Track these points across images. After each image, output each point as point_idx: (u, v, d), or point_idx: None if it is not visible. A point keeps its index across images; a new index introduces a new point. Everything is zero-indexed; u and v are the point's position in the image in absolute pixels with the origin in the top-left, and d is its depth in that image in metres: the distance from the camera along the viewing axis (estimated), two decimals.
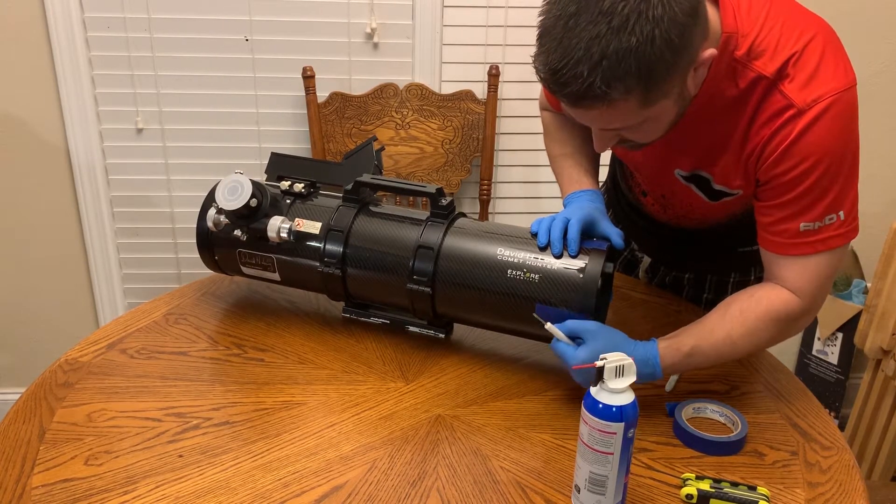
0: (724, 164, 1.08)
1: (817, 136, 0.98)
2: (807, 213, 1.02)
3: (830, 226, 1.03)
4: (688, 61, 0.94)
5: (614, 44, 0.86)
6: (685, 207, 1.23)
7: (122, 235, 2.14)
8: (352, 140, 2.02)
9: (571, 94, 0.92)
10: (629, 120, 0.96)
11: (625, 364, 0.85)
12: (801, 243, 1.04)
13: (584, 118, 0.98)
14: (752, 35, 1.00)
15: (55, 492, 0.91)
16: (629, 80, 0.88)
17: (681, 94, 0.98)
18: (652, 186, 1.27)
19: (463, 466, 0.98)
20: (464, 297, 1.14)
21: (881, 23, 2.06)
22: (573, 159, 1.29)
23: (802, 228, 1.03)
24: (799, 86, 0.99)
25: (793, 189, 1.02)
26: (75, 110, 1.98)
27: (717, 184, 1.11)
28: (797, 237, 1.04)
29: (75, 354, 1.19)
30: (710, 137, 1.07)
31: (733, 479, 0.97)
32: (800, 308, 1.06)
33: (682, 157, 1.13)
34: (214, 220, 1.19)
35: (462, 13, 2.00)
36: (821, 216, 1.03)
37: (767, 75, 0.99)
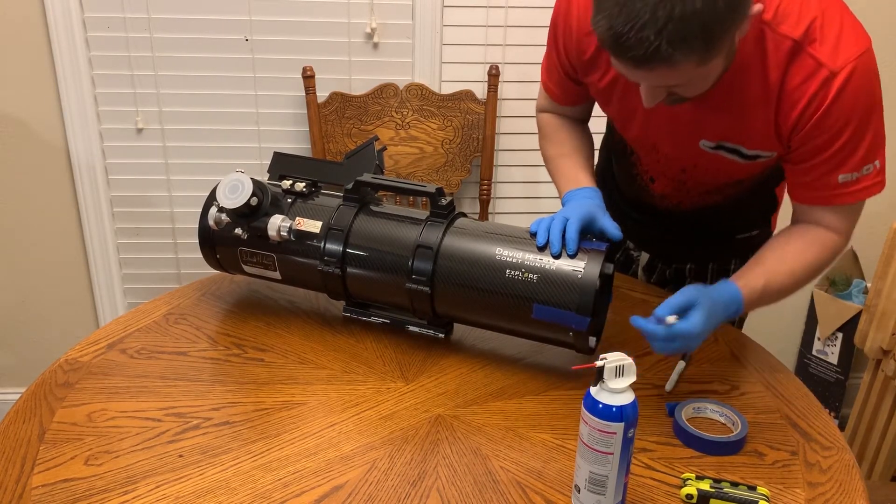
0: (753, 130, 1.12)
1: (851, 96, 1.04)
2: (844, 166, 1.09)
3: (868, 175, 1.11)
4: (741, 18, 0.96)
5: (679, 7, 0.88)
6: (711, 176, 1.26)
7: (122, 235, 2.14)
8: (352, 140, 2.02)
9: (635, 57, 0.94)
10: (685, 78, 0.99)
11: (625, 364, 0.85)
12: (843, 194, 1.12)
13: (639, 77, 1.01)
14: (776, 4, 1.04)
15: (55, 492, 0.91)
16: (693, 42, 0.91)
17: (730, 49, 1.01)
18: (670, 164, 1.28)
19: (463, 466, 0.98)
20: (463, 296, 1.14)
21: (881, 23, 2.06)
22: (570, 159, 1.31)
23: (841, 180, 1.10)
24: (829, 49, 1.03)
25: (830, 147, 1.08)
26: (75, 110, 1.98)
27: (749, 149, 1.15)
28: (837, 188, 1.11)
29: (75, 354, 1.19)
30: (739, 104, 1.10)
31: (733, 479, 0.97)
32: (842, 245, 1.17)
33: (709, 128, 1.15)
34: (216, 219, 1.19)
35: (462, 13, 2.00)
36: (858, 167, 1.10)
37: (795, 38, 1.04)
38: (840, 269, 2.29)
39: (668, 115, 1.16)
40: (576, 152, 1.32)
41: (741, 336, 1.30)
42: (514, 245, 1.12)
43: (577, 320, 1.08)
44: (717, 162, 1.20)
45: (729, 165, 1.19)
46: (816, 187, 1.13)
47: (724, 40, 0.95)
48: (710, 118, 1.14)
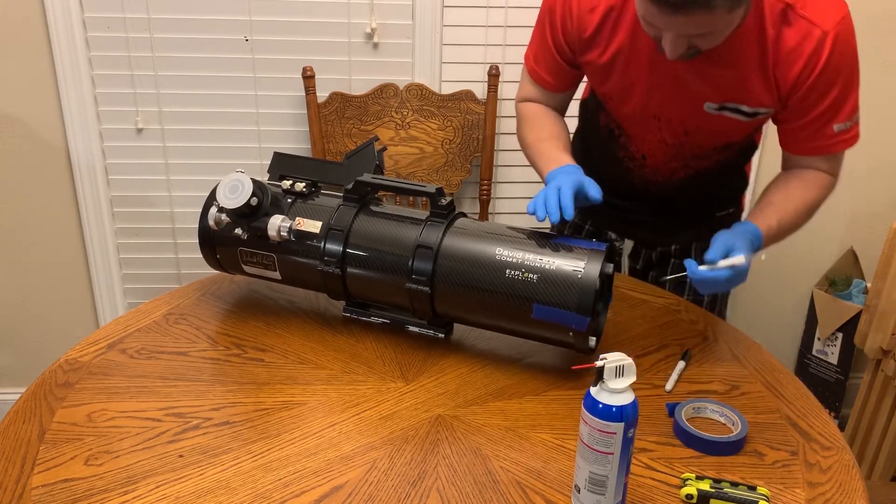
0: (754, 88, 1.22)
1: (841, 53, 1.17)
2: (837, 116, 1.23)
3: (855, 126, 1.25)
4: None
5: None
6: (712, 137, 1.34)
7: (122, 235, 2.14)
8: (352, 140, 2.02)
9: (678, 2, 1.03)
10: (716, 24, 1.08)
11: (625, 364, 0.85)
12: (838, 142, 1.25)
13: (672, 25, 1.08)
14: None
15: (55, 492, 0.91)
16: None
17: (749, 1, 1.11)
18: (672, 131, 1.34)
19: (463, 466, 0.98)
20: (462, 296, 1.14)
21: (881, 23, 2.06)
22: (550, 142, 1.37)
23: (836, 129, 1.24)
24: (818, 11, 1.16)
25: (824, 100, 1.21)
26: (75, 110, 1.98)
27: (751, 107, 1.25)
28: (833, 138, 1.25)
29: (75, 354, 1.19)
30: (741, 64, 1.20)
31: (733, 479, 0.97)
32: (834, 184, 1.31)
33: (714, 90, 1.24)
34: (216, 219, 1.19)
35: (462, 13, 2.00)
36: (850, 116, 1.24)
37: (787, 1, 1.16)
38: (840, 269, 2.29)
39: (673, 81, 1.25)
40: (555, 137, 1.38)
41: (741, 336, 1.30)
42: (514, 245, 1.12)
43: (577, 320, 1.08)
44: (720, 122, 1.28)
45: (731, 124, 1.28)
46: (814, 138, 1.26)
47: None
48: (714, 80, 1.23)
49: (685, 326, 1.32)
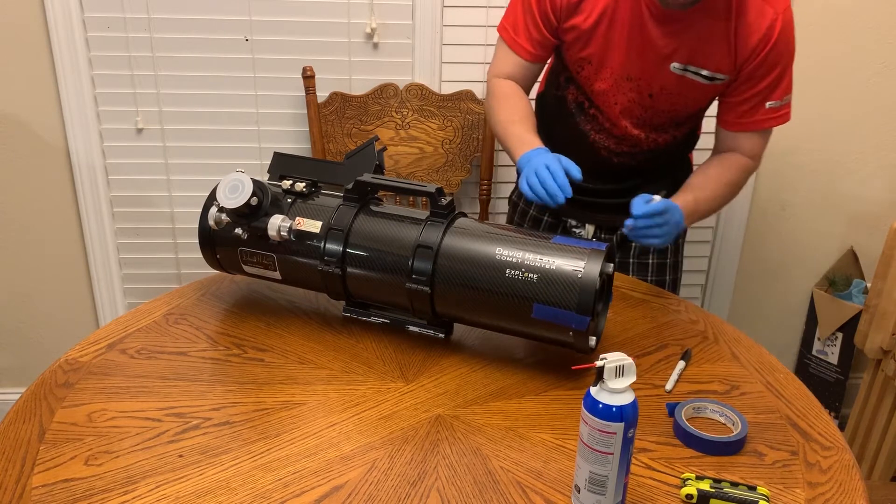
0: (715, 53, 1.38)
1: (788, 35, 1.36)
2: (774, 93, 1.40)
3: (787, 104, 1.42)
4: None
5: None
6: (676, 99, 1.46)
7: (122, 235, 2.14)
8: (352, 140, 2.02)
9: None
10: None
11: (625, 364, 0.85)
12: (769, 118, 1.42)
13: None
14: None
15: (55, 492, 0.91)
16: None
17: None
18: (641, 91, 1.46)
19: (463, 466, 0.98)
20: (463, 296, 1.14)
21: (881, 23, 2.06)
22: (521, 125, 1.46)
23: (769, 106, 1.40)
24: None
25: (767, 77, 1.38)
26: (75, 110, 1.98)
27: (710, 71, 1.40)
28: (766, 114, 1.41)
29: (75, 354, 1.19)
30: (706, 30, 1.36)
31: (733, 479, 0.97)
32: (753, 168, 1.49)
33: (679, 51, 1.39)
34: (216, 219, 1.19)
35: (462, 13, 2.00)
36: (782, 96, 1.41)
37: None
38: (840, 269, 2.29)
39: (644, 42, 1.39)
40: (525, 119, 1.48)
41: (741, 336, 1.30)
42: (514, 245, 1.12)
43: (577, 320, 1.08)
44: (681, 85, 1.42)
45: (690, 88, 1.42)
46: (749, 113, 1.42)
47: None
48: (683, 41, 1.37)
49: (685, 326, 1.32)
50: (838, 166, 2.22)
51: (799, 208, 2.23)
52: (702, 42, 1.37)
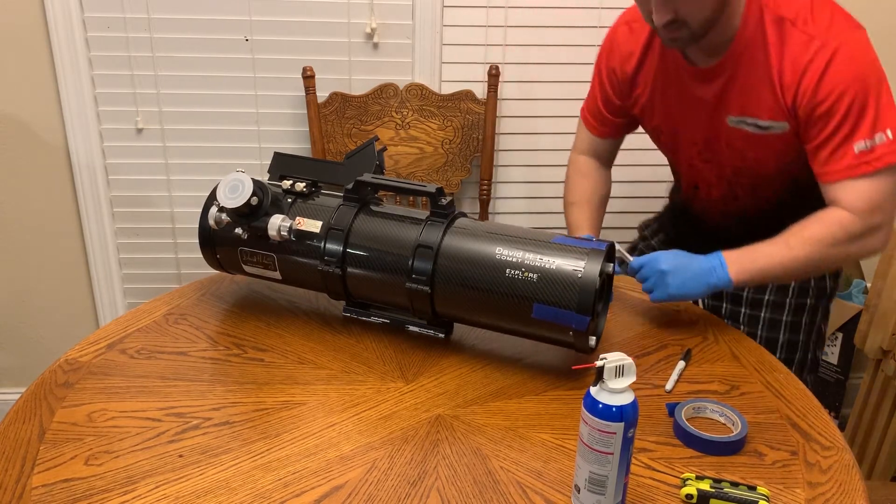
0: (763, 100, 1.26)
1: (843, 65, 1.18)
2: (856, 134, 1.19)
3: (882, 144, 1.19)
4: None
5: None
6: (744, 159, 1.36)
7: (122, 235, 2.14)
8: (352, 140, 2.02)
9: None
10: None
11: (625, 364, 0.85)
12: (861, 164, 1.20)
13: None
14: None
15: (55, 492, 0.91)
16: None
17: None
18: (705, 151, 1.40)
19: (463, 466, 0.98)
20: (463, 296, 1.14)
21: (881, 23, 2.06)
22: (578, 208, 1.53)
23: (857, 150, 1.19)
24: (819, 27, 1.20)
25: (834, 115, 1.19)
26: (75, 110, 1.98)
27: (764, 119, 1.28)
28: (855, 159, 1.20)
29: (75, 354, 1.19)
30: (749, 77, 1.26)
31: (733, 479, 0.97)
32: (854, 223, 1.21)
33: (729, 104, 1.31)
34: (216, 219, 1.19)
35: (462, 13, 2.00)
36: (870, 134, 1.19)
37: (788, 17, 1.22)
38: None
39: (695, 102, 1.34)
40: (586, 202, 1.53)
41: (741, 336, 1.30)
42: (514, 244, 1.12)
43: (577, 320, 1.08)
44: (745, 139, 1.32)
45: (756, 142, 1.31)
46: (835, 160, 1.22)
47: None
48: (727, 95, 1.30)
49: (685, 326, 1.32)
50: None
51: None
52: (748, 90, 1.28)
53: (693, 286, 1.23)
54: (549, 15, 2.01)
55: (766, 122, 1.28)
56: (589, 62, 2.05)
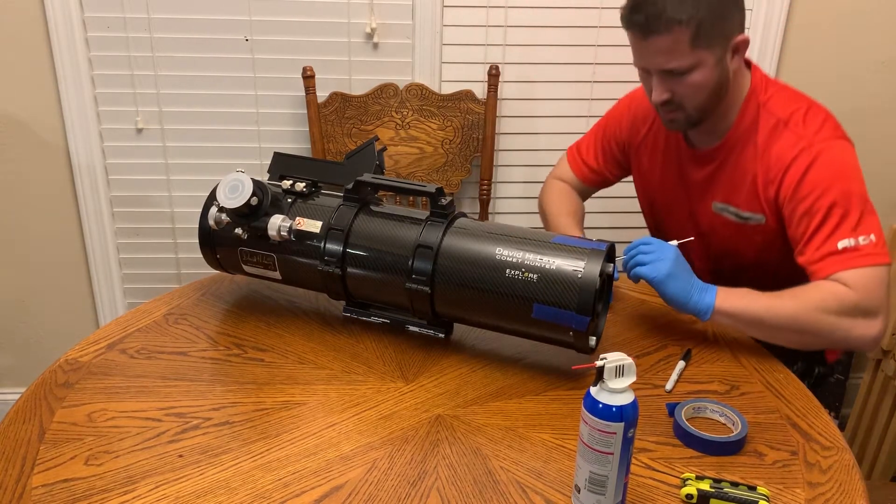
0: (746, 191, 1.31)
1: (826, 166, 1.21)
2: (839, 231, 1.19)
3: (867, 245, 1.18)
4: (729, 29, 1.23)
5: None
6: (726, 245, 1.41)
7: (122, 235, 2.14)
8: (352, 140, 2.02)
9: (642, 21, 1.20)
10: (681, 57, 1.21)
11: (625, 364, 0.85)
12: (846, 258, 1.19)
13: (645, 51, 1.24)
14: (772, 93, 1.31)
15: (55, 492, 0.91)
16: (691, 10, 1.17)
17: (720, 63, 1.23)
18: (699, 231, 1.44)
19: (463, 466, 0.98)
20: (462, 296, 1.14)
21: (881, 23, 2.06)
22: (568, 218, 1.53)
23: (841, 247, 1.19)
24: (809, 130, 1.25)
25: (816, 213, 1.21)
26: (75, 110, 1.98)
27: (744, 210, 1.33)
28: (841, 254, 1.19)
29: (75, 354, 1.19)
30: (736, 167, 1.32)
31: (733, 479, 0.97)
32: (852, 298, 1.16)
33: (717, 190, 1.36)
34: (216, 219, 1.19)
35: (462, 13, 2.00)
36: (854, 234, 1.19)
37: (781, 117, 1.27)
38: None
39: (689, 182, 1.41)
40: (573, 214, 1.54)
41: (741, 336, 1.30)
42: (514, 245, 1.12)
43: (577, 320, 1.08)
44: (728, 226, 1.37)
45: (737, 230, 1.36)
46: (821, 258, 1.21)
47: (714, 30, 1.20)
48: (717, 181, 1.35)
49: (685, 326, 1.32)
50: None
51: None
52: (734, 179, 1.33)
53: (680, 287, 1.19)
54: (549, 15, 2.01)
55: (746, 213, 1.33)
56: (589, 62, 2.05)
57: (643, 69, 1.29)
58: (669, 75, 1.24)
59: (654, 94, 1.27)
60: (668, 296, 1.20)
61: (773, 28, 2.04)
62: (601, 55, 2.05)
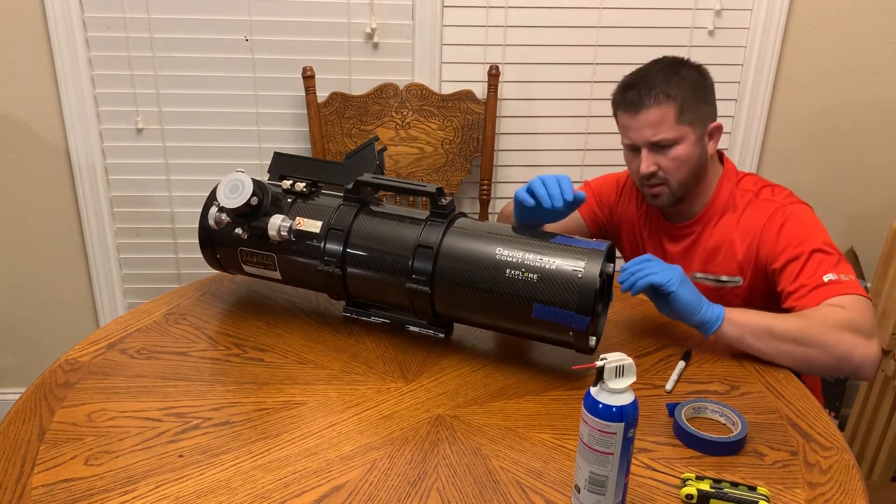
0: (724, 259, 1.42)
1: (799, 218, 1.36)
2: (822, 267, 1.28)
3: (849, 281, 1.26)
4: (707, 114, 1.40)
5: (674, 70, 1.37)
6: None
7: (122, 235, 2.14)
8: (352, 140, 2.02)
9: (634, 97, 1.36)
10: (668, 129, 1.35)
11: (625, 364, 0.85)
12: (833, 288, 1.25)
13: (636, 125, 1.37)
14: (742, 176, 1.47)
15: (55, 492, 0.91)
16: (677, 91, 1.35)
17: (700, 142, 1.39)
18: None
19: (463, 466, 0.98)
20: (463, 296, 1.14)
21: (881, 23, 2.06)
22: None
23: (826, 280, 1.26)
24: (779, 198, 1.40)
25: (800, 257, 1.30)
26: (75, 110, 1.98)
27: (722, 275, 1.43)
28: (827, 286, 1.25)
29: (75, 354, 1.19)
30: (710, 240, 1.44)
31: (733, 479, 0.97)
32: (847, 315, 1.21)
33: (694, 262, 1.46)
34: (216, 219, 1.19)
35: (462, 13, 2.00)
36: (836, 270, 1.27)
37: (753, 191, 1.42)
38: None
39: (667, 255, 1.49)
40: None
41: None
42: (514, 245, 1.12)
43: (577, 320, 1.08)
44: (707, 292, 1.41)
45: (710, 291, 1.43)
46: (807, 293, 1.27)
47: (695, 111, 1.37)
48: (694, 253, 1.46)
49: (685, 327, 1.32)
50: (838, 166, 2.22)
51: None
52: (710, 252, 1.43)
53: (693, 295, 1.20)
54: (549, 15, 2.01)
55: (725, 277, 1.43)
56: (589, 62, 2.05)
57: (631, 147, 1.41)
58: (657, 148, 1.37)
59: (643, 167, 1.38)
60: (680, 302, 1.19)
61: (773, 28, 2.04)
62: (601, 55, 2.05)
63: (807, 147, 2.19)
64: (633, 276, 1.21)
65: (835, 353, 1.18)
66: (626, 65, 2.02)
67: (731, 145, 2.17)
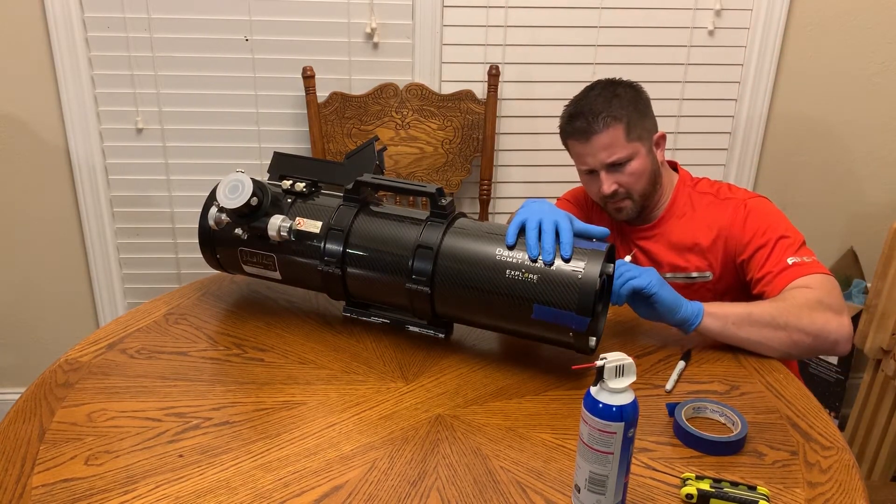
0: (691, 256, 1.48)
1: (760, 210, 1.43)
2: (787, 251, 1.35)
3: (811, 262, 1.33)
4: (650, 126, 1.49)
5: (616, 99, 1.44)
6: None
7: (122, 235, 2.14)
8: (352, 140, 2.02)
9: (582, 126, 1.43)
10: (621, 149, 1.43)
11: (625, 364, 0.85)
12: (797, 270, 1.32)
13: (590, 151, 1.44)
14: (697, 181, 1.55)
15: (55, 492, 0.91)
16: (621, 112, 1.43)
17: (650, 153, 1.47)
18: None
19: (463, 466, 0.98)
20: (462, 296, 1.14)
21: (881, 23, 2.06)
22: None
23: (791, 262, 1.33)
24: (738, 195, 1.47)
25: (766, 244, 1.38)
26: (75, 110, 1.98)
27: (691, 271, 1.49)
28: (790, 268, 1.33)
29: (75, 354, 1.19)
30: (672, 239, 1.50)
31: (733, 479, 0.97)
32: (816, 293, 1.26)
33: (662, 262, 1.51)
34: (216, 219, 1.19)
35: (462, 13, 2.00)
36: (798, 253, 1.35)
37: (712, 193, 1.50)
38: (840, 269, 2.29)
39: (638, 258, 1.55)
40: None
41: None
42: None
43: (577, 321, 1.08)
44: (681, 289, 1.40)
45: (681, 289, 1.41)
46: (774, 276, 1.34)
47: (641, 126, 1.45)
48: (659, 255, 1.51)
49: None
50: (838, 166, 2.22)
51: (799, 208, 2.23)
52: (675, 250, 1.50)
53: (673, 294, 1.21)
54: (549, 15, 2.01)
55: (694, 274, 1.48)
56: (589, 62, 2.05)
57: (588, 172, 1.48)
58: (613, 168, 1.44)
59: (604, 188, 1.45)
60: (662, 302, 1.20)
61: (773, 28, 2.04)
62: (601, 55, 2.05)
63: (807, 147, 2.19)
64: (615, 284, 1.20)
65: (811, 331, 1.22)
66: (627, 65, 2.04)
67: (731, 145, 2.17)
